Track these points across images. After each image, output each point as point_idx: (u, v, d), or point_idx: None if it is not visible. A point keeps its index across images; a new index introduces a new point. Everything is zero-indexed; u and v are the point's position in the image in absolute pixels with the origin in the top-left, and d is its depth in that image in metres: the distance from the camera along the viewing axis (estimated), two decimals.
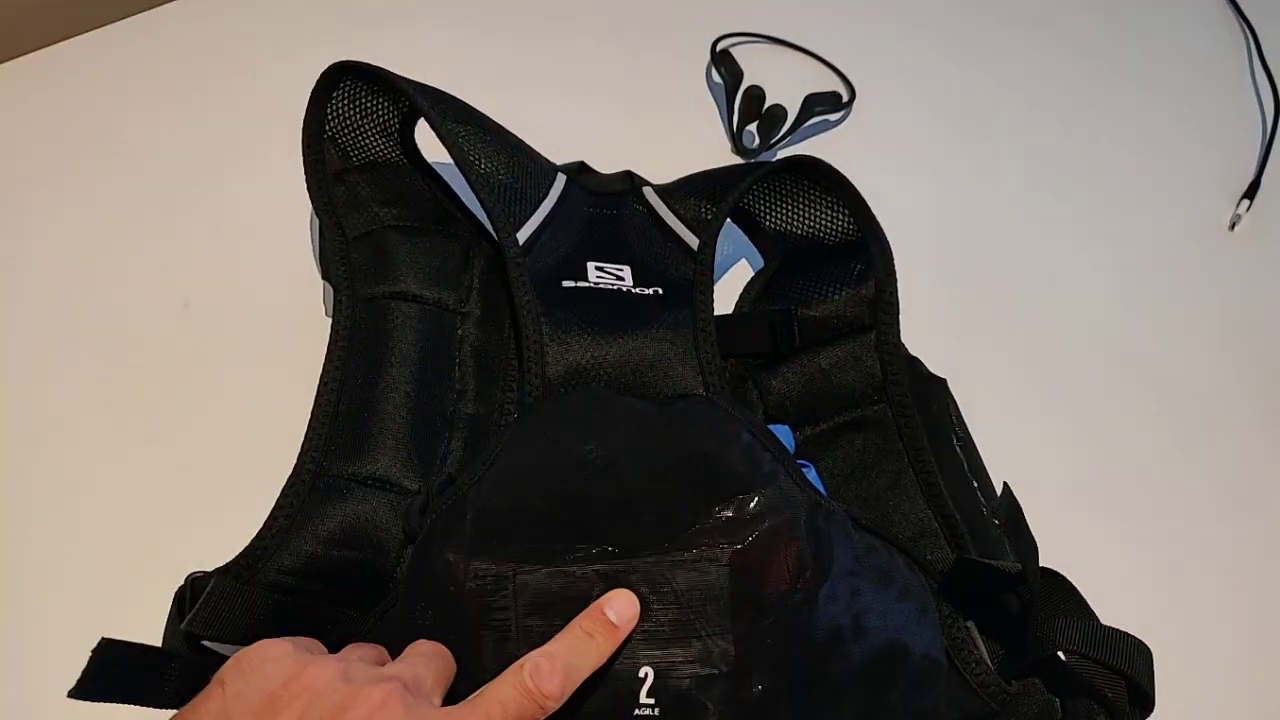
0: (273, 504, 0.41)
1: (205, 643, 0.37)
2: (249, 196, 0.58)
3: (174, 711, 0.31)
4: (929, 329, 0.51)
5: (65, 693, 0.32)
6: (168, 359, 0.51)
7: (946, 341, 0.51)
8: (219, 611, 0.37)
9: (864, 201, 0.51)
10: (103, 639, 0.34)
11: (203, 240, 0.56)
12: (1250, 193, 0.67)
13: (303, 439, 0.43)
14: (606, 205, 0.53)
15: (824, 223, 0.53)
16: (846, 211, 0.52)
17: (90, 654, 0.33)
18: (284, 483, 0.42)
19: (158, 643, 0.37)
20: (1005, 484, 0.39)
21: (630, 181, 0.55)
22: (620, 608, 0.35)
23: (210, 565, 0.39)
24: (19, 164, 0.58)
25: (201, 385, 0.51)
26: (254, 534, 0.40)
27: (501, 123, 0.51)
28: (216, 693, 0.30)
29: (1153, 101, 0.72)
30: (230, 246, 0.56)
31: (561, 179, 0.51)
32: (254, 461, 0.45)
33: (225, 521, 0.41)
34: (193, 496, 0.47)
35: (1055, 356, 0.58)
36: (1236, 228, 0.66)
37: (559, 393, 0.43)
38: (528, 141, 0.52)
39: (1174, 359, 0.59)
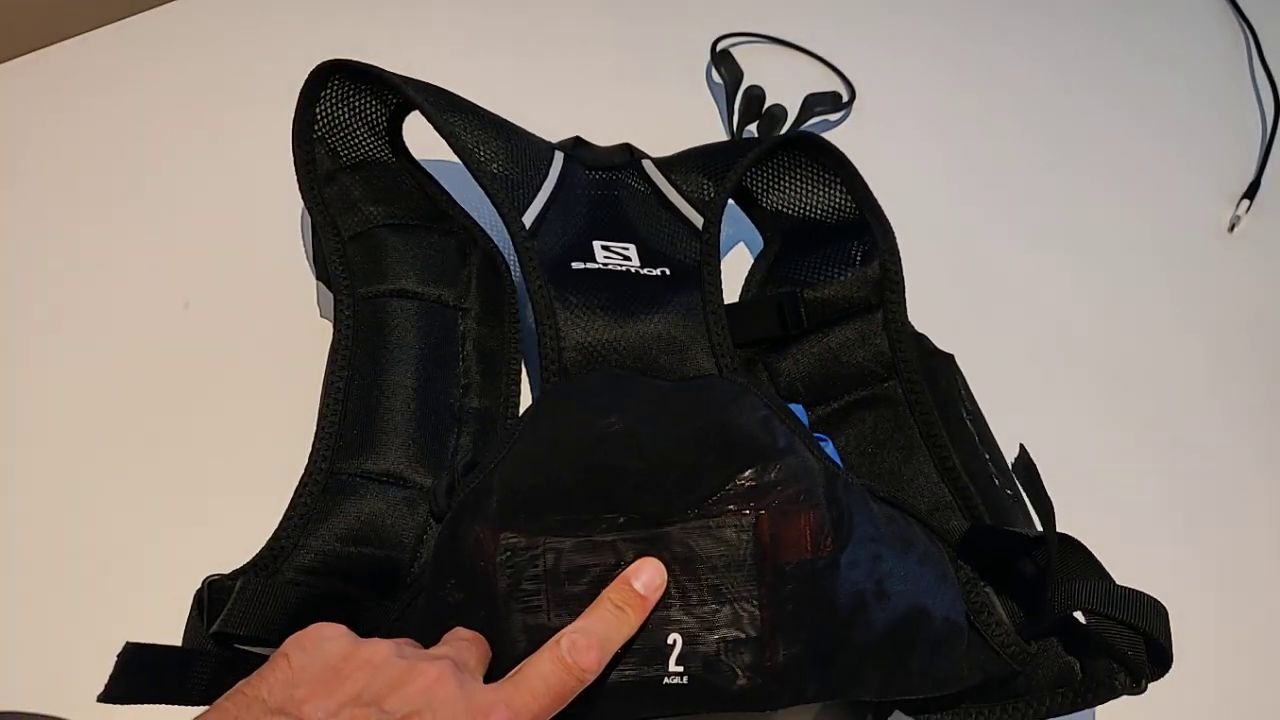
0: (275, 503, 0.41)
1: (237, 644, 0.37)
2: (249, 196, 0.58)
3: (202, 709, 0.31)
4: (929, 327, 0.51)
5: (70, 697, 0.32)
6: (167, 359, 0.51)
7: (945, 342, 0.51)
8: (252, 610, 0.37)
9: (862, 180, 0.51)
10: (127, 643, 0.34)
11: (202, 240, 0.56)
12: (1250, 193, 0.67)
13: (313, 439, 0.43)
14: (607, 182, 0.53)
15: (823, 201, 0.53)
16: (845, 190, 0.52)
17: (116, 658, 0.33)
18: (286, 481, 0.42)
19: (166, 642, 0.37)
20: (1021, 445, 0.39)
21: (629, 154, 0.55)
22: (647, 578, 0.36)
23: (217, 566, 0.39)
24: (18, 164, 0.58)
25: (201, 386, 0.51)
26: (258, 533, 0.40)
27: None
28: (282, 664, 0.31)
29: (1152, 101, 0.72)
30: (230, 247, 0.56)
31: (560, 156, 0.51)
32: (255, 461, 0.45)
33: (228, 521, 0.41)
34: (195, 497, 0.47)
35: (1054, 357, 0.58)
36: (1236, 228, 0.66)
37: (575, 374, 0.43)
38: None
39: (1173, 359, 0.59)
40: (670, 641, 0.36)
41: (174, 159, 0.59)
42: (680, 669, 0.35)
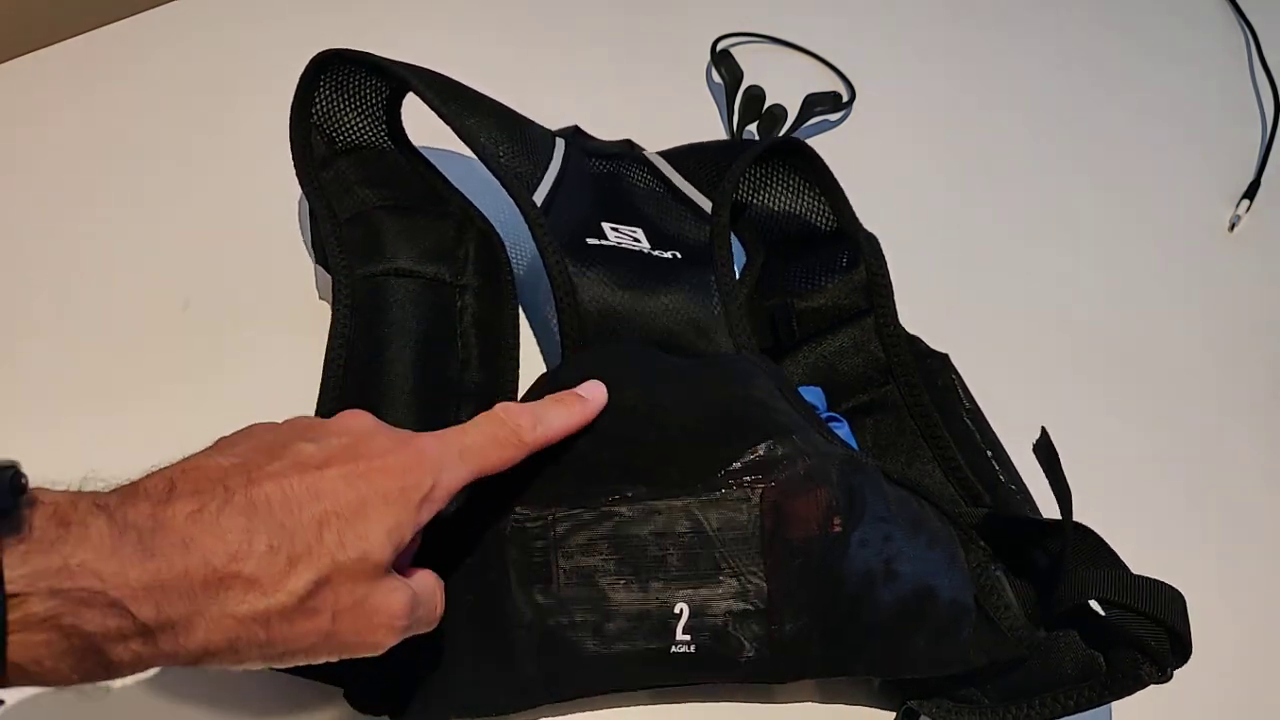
0: None
1: None
2: (247, 194, 0.58)
3: None
4: (929, 326, 0.51)
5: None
6: (168, 359, 0.51)
7: (946, 341, 0.51)
8: None
9: (840, 190, 0.51)
10: None
11: (202, 240, 0.56)
12: (1250, 193, 0.67)
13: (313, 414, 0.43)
14: (611, 173, 0.53)
15: (807, 208, 0.53)
16: (824, 200, 0.52)
17: None
18: None
19: None
20: (1043, 428, 0.39)
21: (630, 147, 0.55)
22: (589, 387, 0.38)
23: None
24: (18, 164, 0.58)
25: (203, 385, 0.51)
26: None
27: None
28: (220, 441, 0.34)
29: (1152, 101, 0.73)
30: (229, 246, 0.56)
31: (561, 143, 0.51)
32: None
33: None
34: None
35: (1053, 357, 0.58)
36: (1236, 228, 0.66)
37: (594, 345, 0.43)
38: None
39: (1173, 359, 0.59)
40: (677, 611, 0.36)
41: (174, 159, 0.59)
42: (688, 638, 0.36)
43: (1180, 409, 0.57)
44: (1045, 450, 0.38)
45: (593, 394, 0.38)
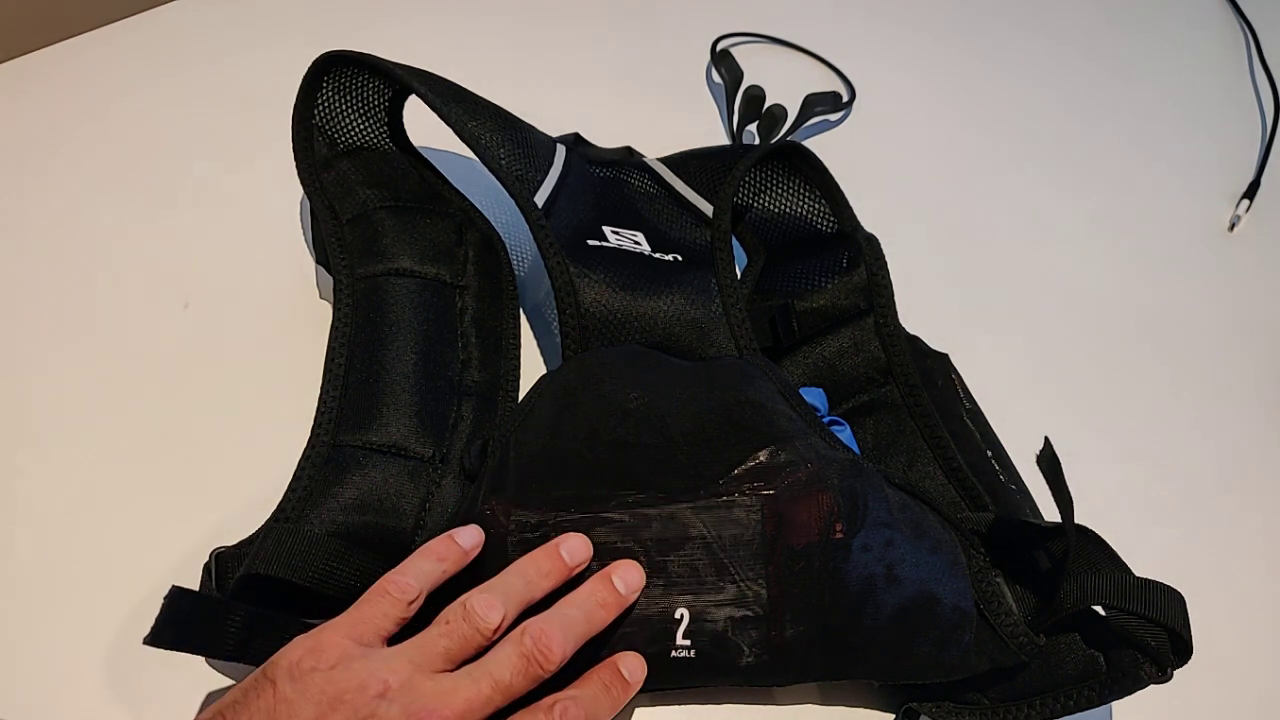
0: (279, 496, 0.41)
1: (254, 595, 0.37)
2: (248, 195, 0.58)
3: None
4: (927, 327, 0.51)
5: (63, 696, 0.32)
6: (168, 359, 0.51)
7: (944, 341, 0.51)
8: (279, 551, 0.37)
9: (840, 191, 0.51)
10: (173, 587, 0.34)
11: (202, 240, 0.56)
12: (1250, 193, 0.67)
13: (314, 415, 0.43)
14: (612, 179, 0.53)
15: (808, 210, 0.53)
16: (825, 201, 0.52)
17: (162, 602, 0.34)
18: (290, 473, 0.42)
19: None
20: (1046, 439, 0.39)
21: (630, 155, 0.55)
22: (624, 574, 0.36)
23: None
24: (18, 163, 0.58)
25: (203, 385, 0.51)
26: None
27: None
28: (267, 692, 0.31)
29: (1152, 101, 0.73)
30: (230, 245, 0.56)
31: (562, 149, 0.51)
32: (259, 457, 0.45)
33: (231, 519, 0.41)
34: (199, 492, 0.47)
35: (1053, 358, 0.58)
36: (1236, 228, 0.66)
37: (595, 347, 0.44)
38: None
39: (1173, 360, 0.59)
40: (678, 616, 0.36)
41: (174, 159, 0.59)
42: (688, 643, 0.36)
43: (1180, 408, 0.57)
44: (1049, 461, 0.38)
45: (631, 584, 0.36)
